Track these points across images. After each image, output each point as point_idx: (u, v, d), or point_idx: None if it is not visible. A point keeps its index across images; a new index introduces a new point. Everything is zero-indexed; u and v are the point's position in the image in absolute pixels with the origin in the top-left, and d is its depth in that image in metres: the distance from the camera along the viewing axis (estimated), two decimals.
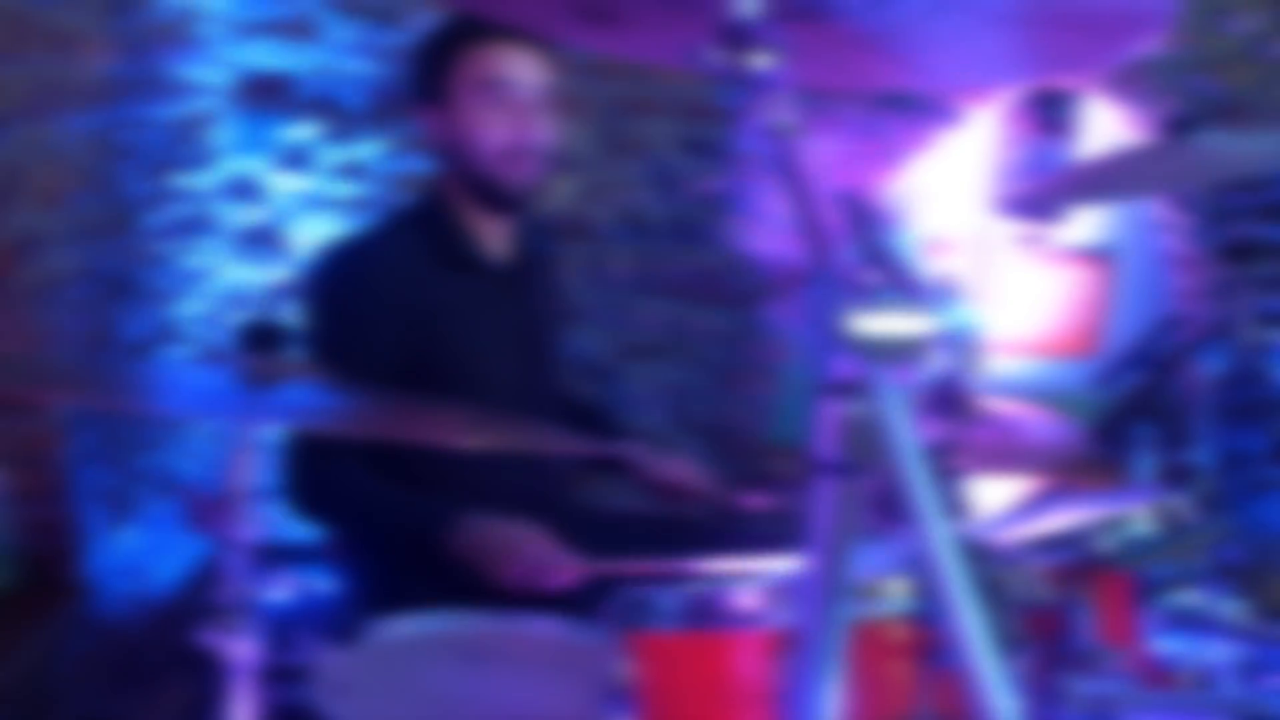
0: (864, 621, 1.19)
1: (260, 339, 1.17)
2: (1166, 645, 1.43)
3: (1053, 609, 1.30)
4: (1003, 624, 1.17)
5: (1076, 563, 1.39)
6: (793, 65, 0.83)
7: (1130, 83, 3.05)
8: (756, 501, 2.38)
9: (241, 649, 1.22)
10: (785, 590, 1.22)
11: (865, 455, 0.66)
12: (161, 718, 2.62)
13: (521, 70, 2.06)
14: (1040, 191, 2.40)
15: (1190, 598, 1.46)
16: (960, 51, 1.02)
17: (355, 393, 1.34)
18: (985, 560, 1.23)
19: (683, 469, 2.29)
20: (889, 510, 1.22)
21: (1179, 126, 2.06)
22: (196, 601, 2.75)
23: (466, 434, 1.39)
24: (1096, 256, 3.30)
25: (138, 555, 2.49)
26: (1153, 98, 3.06)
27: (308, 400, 1.17)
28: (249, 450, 1.20)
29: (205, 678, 2.83)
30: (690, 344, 3.19)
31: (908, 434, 0.61)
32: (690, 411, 3.23)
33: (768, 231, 3.13)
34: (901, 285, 0.63)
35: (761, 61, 0.82)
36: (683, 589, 1.27)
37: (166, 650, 2.66)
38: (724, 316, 3.17)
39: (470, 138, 2.06)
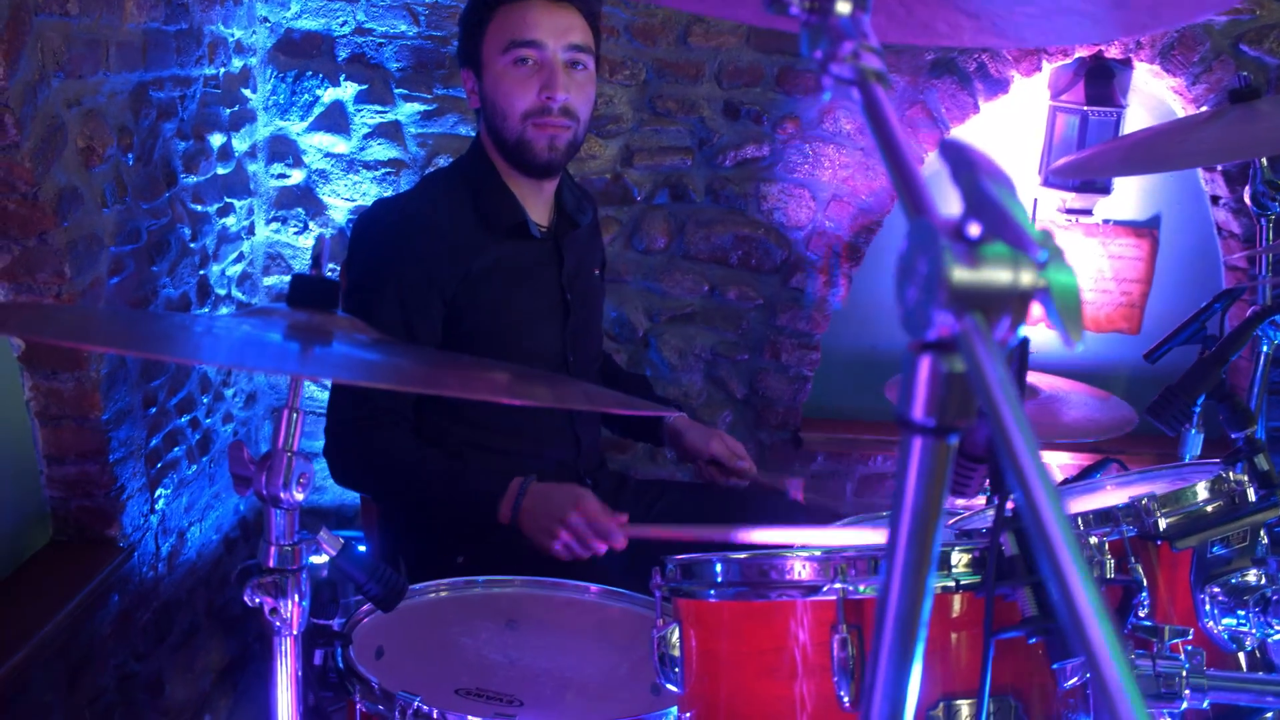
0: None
1: (310, 293, 1.15)
2: (1226, 623, 1.40)
3: (1112, 586, 1.27)
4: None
5: (1135, 539, 1.36)
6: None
7: (1182, 52, 2.98)
8: (793, 482, 2.35)
9: (285, 609, 1.20)
10: (838, 560, 1.19)
11: (960, 414, 0.63)
12: (198, 676, 2.63)
13: (548, 29, 1.98)
14: (1088, 162, 2.34)
15: (1250, 576, 1.42)
16: (1040, 8, 0.98)
17: (399, 348, 1.32)
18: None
19: (724, 444, 2.22)
20: (968, 475, 1.18)
21: (1237, 96, 2.01)
22: (234, 561, 2.76)
23: (511, 392, 1.36)
24: (1144, 229, 3.24)
25: (176, 514, 2.49)
26: (1209, 68, 2.99)
27: (357, 355, 1.15)
28: (295, 408, 1.18)
29: (242, 637, 2.84)
30: (728, 311, 3.15)
31: (1010, 391, 0.57)
32: (727, 379, 3.20)
33: (808, 198, 3.08)
34: (1005, 235, 0.59)
35: (844, 7, 0.78)
36: (734, 556, 1.24)
37: (204, 609, 2.67)
38: (763, 283, 3.13)
39: (497, 100, 2.02)
